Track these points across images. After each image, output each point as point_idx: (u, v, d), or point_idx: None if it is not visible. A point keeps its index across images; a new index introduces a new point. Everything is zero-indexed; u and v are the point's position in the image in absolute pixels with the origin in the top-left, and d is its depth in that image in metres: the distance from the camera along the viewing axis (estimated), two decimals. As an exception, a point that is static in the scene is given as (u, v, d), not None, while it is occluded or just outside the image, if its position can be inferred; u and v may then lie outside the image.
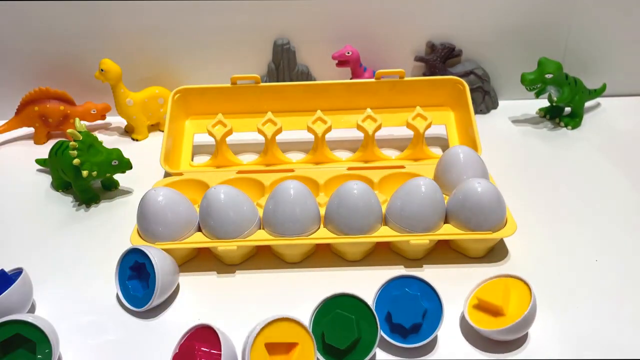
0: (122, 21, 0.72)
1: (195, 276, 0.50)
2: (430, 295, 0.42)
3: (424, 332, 0.41)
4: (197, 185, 0.58)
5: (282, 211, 0.49)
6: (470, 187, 0.48)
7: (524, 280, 0.42)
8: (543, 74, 0.66)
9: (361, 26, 0.73)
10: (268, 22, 0.73)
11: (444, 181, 0.54)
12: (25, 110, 0.72)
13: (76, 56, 0.74)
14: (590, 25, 0.72)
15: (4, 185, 0.66)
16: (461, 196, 0.49)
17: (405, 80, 0.67)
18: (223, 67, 0.74)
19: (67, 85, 0.73)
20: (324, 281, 0.49)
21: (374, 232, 0.49)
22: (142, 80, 0.75)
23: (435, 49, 0.73)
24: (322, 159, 0.63)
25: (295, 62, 0.75)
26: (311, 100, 0.67)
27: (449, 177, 0.54)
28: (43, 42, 0.73)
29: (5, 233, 0.57)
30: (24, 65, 0.75)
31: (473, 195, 0.48)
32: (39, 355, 0.40)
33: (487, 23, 0.73)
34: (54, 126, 0.73)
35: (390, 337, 0.41)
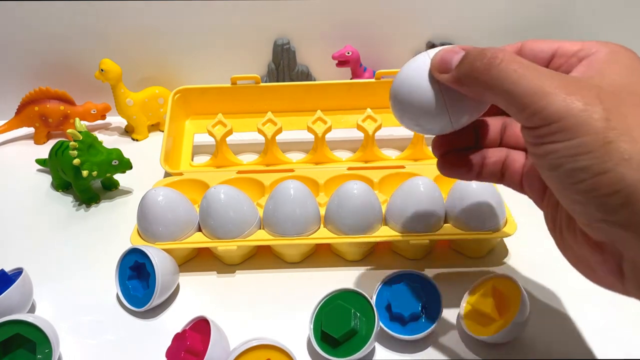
0: (122, 21, 0.72)
1: (195, 276, 0.50)
2: (429, 289, 0.42)
3: (422, 325, 0.41)
4: (197, 185, 0.58)
5: (282, 211, 0.49)
6: (469, 187, 0.48)
7: (512, 279, 0.41)
8: (543, 74, 0.66)
9: (361, 26, 0.73)
10: (268, 22, 0.73)
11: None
12: (25, 110, 0.72)
13: (76, 56, 0.74)
14: (590, 26, 0.72)
15: (4, 185, 0.66)
16: (459, 195, 0.49)
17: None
18: (223, 67, 0.74)
19: (67, 85, 0.73)
20: (324, 281, 0.49)
21: (374, 232, 0.49)
22: (142, 80, 0.75)
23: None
24: (322, 159, 0.63)
25: (295, 62, 0.75)
26: (311, 100, 0.67)
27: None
28: (43, 42, 0.73)
29: (5, 233, 0.57)
30: (24, 66, 0.75)
31: (471, 195, 0.48)
32: (39, 355, 0.39)
33: (487, 23, 0.73)
34: (54, 126, 0.73)
35: (388, 327, 0.41)
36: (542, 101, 0.26)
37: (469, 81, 0.29)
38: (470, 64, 0.29)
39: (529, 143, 0.28)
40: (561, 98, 0.25)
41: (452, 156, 0.36)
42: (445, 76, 0.30)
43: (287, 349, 0.39)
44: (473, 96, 0.31)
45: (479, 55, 0.29)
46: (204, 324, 0.40)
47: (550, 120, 0.25)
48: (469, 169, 0.36)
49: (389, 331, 0.41)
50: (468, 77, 0.29)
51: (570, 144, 0.25)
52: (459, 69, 0.29)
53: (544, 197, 0.33)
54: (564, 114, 0.25)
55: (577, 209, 0.26)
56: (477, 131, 0.37)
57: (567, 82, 0.26)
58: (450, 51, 0.31)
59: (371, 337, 0.40)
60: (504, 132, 0.37)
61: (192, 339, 0.39)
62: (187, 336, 0.39)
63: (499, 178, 0.36)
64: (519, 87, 0.26)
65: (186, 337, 0.39)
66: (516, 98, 0.27)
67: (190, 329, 0.41)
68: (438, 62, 0.31)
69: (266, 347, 0.39)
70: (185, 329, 0.41)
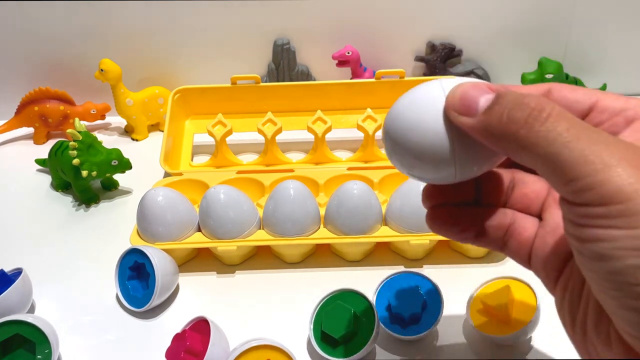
0: (122, 21, 0.72)
1: (195, 276, 0.50)
2: (430, 290, 0.42)
3: (423, 325, 0.41)
4: (197, 185, 0.58)
5: (282, 211, 0.49)
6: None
7: (527, 284, 0.42)
8: (543, 74, 0.66)
9: (361, 26, 0.73)
10: (268, 22, 0.73)
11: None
12: (25, 110, 0.72)
13: (76, 56, 0.74)
14: (590, 25, 0.72)
15: (3, 185, 0.65)
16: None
17: (405, 80, 0.66)
18: (223, 67, 0.74)
19: (67, 85, 0.73)
20: (324, 281, 0.49)
21: (374, 232, 0.49)
22: (142, 80, 0.75)
23: (436, 49, 0.73)
24: (322, 159, 0.63)
25: (295, 62, 0.75)
26: (311, 100, 0.67)
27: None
28: (43, 42, 0.73)
29: (5, 233, 0.57)
30: (24, 66, 0.75)
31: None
32: (39, 356, 0.39)
33: (487, 23, 0.72)
34: (54, 126, 0.72)
35: (389, 328, 0.41)
36: (601, 174, 0.20)
37: (502, 135, 0.23)
38: (507, 114, 0.23)
39: (570, 222, 0.22)
40: (628, 173, 0.20)
41: (445, 210, 0.30)
42: (467, 120, 0.24)
43: (287, 350, 0.38)
44: (498, 151, 0.24)
45: (517, 105, 0.23)
46: (203, 324, 0.40)
47: (610, 200, 0.20)
48: (463, 229, 0.29)
49: (389, 331, 0.41)
50: (501, 130, 0.23)
51: (636, 233, 0.20)
52: (490, 117, 0.23)
53: (560, 280, 0.27)
54: (631, 195, 0.20)
55: (628, 316, 0.21)
56: (479, 184, 0.30)
57: (635, 152, 0.21)
58: (476, 88, 0.24)
59: (371, 337, 0.39)
60: (512, 190, 0.30)
61: (191, 339, 0.39)
62: (186, 336, 0.39)
63: (500, 246, 0.30)
64: (570, 152, 0.21)
65: (186, 338, 0.39)
66: (564, 166, 0.21)
67: (190, 329, 0.41)
68: (459, 100, 0.24)
69: (266, 347, 0.39)
70: (185, 329, 0.41)
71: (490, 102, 0.24)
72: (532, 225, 0.29)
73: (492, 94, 0.24)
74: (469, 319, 0.41)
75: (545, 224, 0.28)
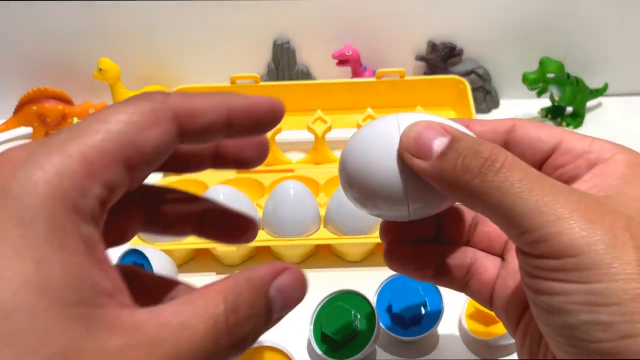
0: (121, 20, 0.72)
1: (194, 277, 0.50)
2: (430, 290, 0.42)
3: (423, 326, 0.41)
4: (196, 186, 0.58)
5: (281, 211, 0.48)
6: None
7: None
8: (545, 74, 0.66)
9: (361, 25, 0.73)
10: (268, 22, 0.72)
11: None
12: (23, 109, 0.72)
13: (74, 55, 0.74)
14: (592, 25, 0.72)
15: (2, 186, 0.65)
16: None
17: (405, 80, 0.66)
18: (222, 67, 0.74)
19: (66, 85, 0.73)
20: (324, 281, 0.48)
21: (375, 233, 0.49)
22: (141, 79, 0.75)
23: (436, 48, 0.72)
24: (322, 159, 0.63)
25: (295, 62, 0.74)
26: (311, 100, 0.66)
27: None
28: (41, 41, 0.73)
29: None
30: (22, 65, 0.74)
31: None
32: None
33: (488, 22, 0.72)
34: (53, 126, 0.72)
35: (389, 329, 0.41)
36: (554, 227, 0.20)
37: (455, 183, 0.22)
38: (461, 162, 0.22)
39: (525, 272, 0.21)
40: (581, 226, 0.20)
41: (402, 247, 0.28)
42: (420, 163, 0.23)
43: (287, 351, 0.38)
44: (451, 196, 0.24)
45: (472, 153, 0.22)
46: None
47: (563, 254, 0.19)
48: (421, 266, 0.28)
49: (390, 332, 0.41)
50: (455, 177, 0.22)
51: (589, 288, 0.19)
52: (444, 163, 0.22)
53: (520, 324, 0.26)
54: (584, 248, 0.19)
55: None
56: (440, 220, 0.29)
57: (588, 204, 0.20)
58: (431, 129, 0.23)
59: (371, 338, 0.39)
60: (474, 228, 0.29)
61: None
62: None
63: (461, 286, 0.29)
64: (523, 203, 0.20)
65: None
66: (518, 217, 0.20)
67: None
68: (413, 141, 0.23)
69: (266, 348, 0.38)
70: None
71: (444, 146, 0.22)
72: (494, 266, 0.28)
73: (447, 137, 0.22)
74: (464, 322, 0.42)
75: (507, 266, 0.27)
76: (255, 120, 0.21)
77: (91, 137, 0.18)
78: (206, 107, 0.20)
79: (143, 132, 0.18)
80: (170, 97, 0.20)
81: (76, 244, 0.16)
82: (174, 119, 0.19)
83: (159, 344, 0.16)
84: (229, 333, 0.18)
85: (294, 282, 0.20)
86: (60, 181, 0.16)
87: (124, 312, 0.17)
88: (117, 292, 0.17)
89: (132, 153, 0.18)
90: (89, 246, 0.17)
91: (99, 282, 0.17)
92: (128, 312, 0.17)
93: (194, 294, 0.18)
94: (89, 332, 0.16)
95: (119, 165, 0.18)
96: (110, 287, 0.17)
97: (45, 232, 0.16)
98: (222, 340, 0.18)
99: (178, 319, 0.17)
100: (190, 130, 0.20)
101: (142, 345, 0.16)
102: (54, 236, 0.16)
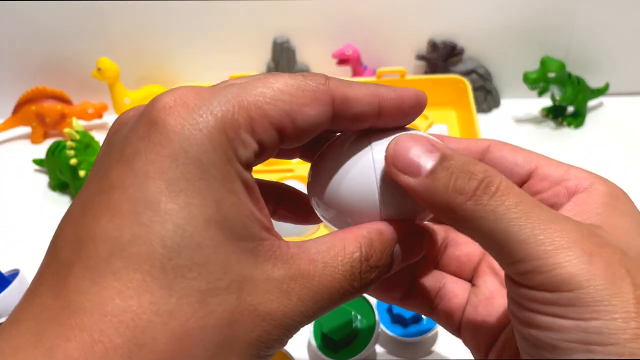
0: (120, 20, 0.71)
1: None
2: None
3: (424, 325, 0.41)
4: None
5: (281, 211, 0.48)
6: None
7: None
8: (546, 73, 0.66)
9: (362, 24, 0.72)
10: (267, 21, 0.72)
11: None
12: (22, 109, 0.71)
13: (73, 55, 0.73)
14: (593, 24, 0.72)
15: (0, 185, 0.65)
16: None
17: (406, 79, 0.66)
18: (222, 66, 0.74)
19: (64, 85, 0.73)
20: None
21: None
22: (140, 79, 0.75)
23: (437, 47, 0.72)
24: (322, 159, 0.63)
25: (295, 61, 0.74)
26: (311, 99, 0.66)
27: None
28: (40, 41, 0.72)
29: (2, 234, 0.57)
30: (21, 65, 0.74)
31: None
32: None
33: (489, 21, 0.72)
34: (51, 125, 0.72)
35: (389, 329, 0.41)
36: (552, 258, 0.18)
37: (446, 204, 0.20)
38: (453, 183, 0.20)
39: (514, 302, 0.20)
40: (580, 259, 0.18)
41: None
42: (407, 180, 0.21)
43: (287, 352, 0.38)
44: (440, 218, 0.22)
45: (464, 173, 0.20)
46: None
47: (560, 287, 0.18)
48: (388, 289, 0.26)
49: (390, 333, 0.41)
50: (446, 198, 0.20)
51: (585, 326, 0.18)
52: (434, 182, 0.20)
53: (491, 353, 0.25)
54: (583, 283, 0.18)
55: None
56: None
57: (584, 235, 0.19)
58: (419, 143, 0.21)
59: (372, 339, 0.39)
60: (443, 250, 0.27)
61: None
62: None
63: (427, 310, 0.27)
64: (518, 230, 0.19)
65: None
66: (512, 245, 0.19)
67: None
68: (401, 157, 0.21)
69: None
70: None
71: (435, 164, 0.20)
72: (463, 291, 0.27)
73: (436, 154, 0.21)
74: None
75: (478, 292, 0.26)
76: (403, 112, 0.23)
77: (258, 98, 0.19)
78: (361, 97, 0.21)
79: (302, 107, 0.20)
80: (330, 80, 0.21)
81: (241, 187, 0.19)
82: (332, 103, 0.21)
83: (309, 277, 0.19)
84: (361, 278, 0.21)
85: (416, 244, 0.23)
86: (229, 131, 0.18)
87: (282, 246, 0.19)
88: (271, 226, 0.20)
89: (288, 123, 0.20)
90: (249, 189, 0.19)
91: (261, 220, 0.19)
92: (284, 246, 0.20)
93: (334, 237, 0.21)
94: (257, 262, 0.18)
95: (274, 130, 0.19)
96: (267, 223, 0.20)
97: (220, 176, 0.18)
98: (355, 283, 0.20)
99: (322, 258, 0.20)
100: (343, 116, 0.21)
101: (297, 277, 0.19)
102: (226, 180, 0.18)
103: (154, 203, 0.17)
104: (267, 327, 0.18)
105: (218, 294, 0.17)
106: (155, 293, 0.16)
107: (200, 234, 0.17)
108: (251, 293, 0.18)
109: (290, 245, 0.20)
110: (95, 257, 0.17)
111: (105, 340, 0.16)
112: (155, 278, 0.17)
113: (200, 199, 0.17)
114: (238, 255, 0.18)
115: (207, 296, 0.17)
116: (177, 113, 0.18)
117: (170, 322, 0.16)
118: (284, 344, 0.20)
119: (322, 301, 0.20)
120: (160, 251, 0.17)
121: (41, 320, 0.16)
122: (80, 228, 0.18)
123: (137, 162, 0.18)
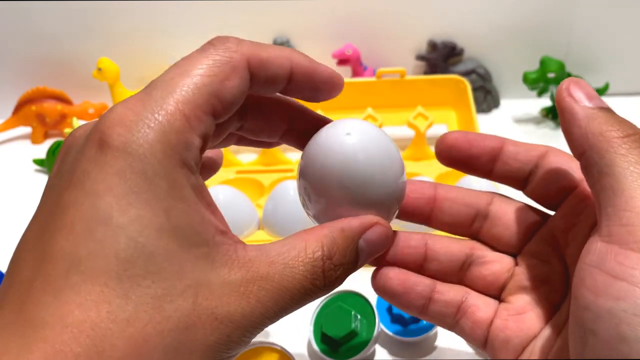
0: (120, 20, 0.71)
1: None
2: None
3: (424, 326, 0.41)
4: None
5: (281, 212, 0.48)
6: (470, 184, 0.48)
7: None
8: (545, 73, 0.66)
9: (362, 24, 0.72)
10: (267, 21, 0.72)
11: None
12: (22, 109, 0.71)
13: (73, 55, 0.73)
14: (592, 24, 0.72)
15: (1, 185, 0.65)
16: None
17: (406, 79, 0.66)
18: (222, 66, 0.74)
19: (65, 85, 0.73)
20: (324, 282, 0.48)
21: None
22: (141, 79, 0.75)
23: (437, 47, 0.72)
24: (322, 159, 0.63)
25: (295, 61, 0.74)
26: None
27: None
28: (40, 41, 0.73)
29: (2, 234, 0.56)
30: (21, 65, 0.74)
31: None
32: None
33: (489, 22, 0.72)
34: (52, 126, 0.72)
35: (389, 329, 0.41)
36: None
37: (596, 133, 0.23)
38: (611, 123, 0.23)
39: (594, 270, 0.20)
40: None
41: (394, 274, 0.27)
42: (573, 105, 0.24)
43: (287, 351, 0.38)
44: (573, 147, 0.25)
45: (618, 123, 0.23)
46: None
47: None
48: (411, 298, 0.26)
49: (390, 333, 0.41)
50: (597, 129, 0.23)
51: None
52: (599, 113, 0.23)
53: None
54: None
55: None
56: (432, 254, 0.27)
57: None
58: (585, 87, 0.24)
59: (372, 339, 0.39)
60: (467, 268, 0.27)
61: None
62: None
63: (449, 324, 0.27)
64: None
65: None
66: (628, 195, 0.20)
67: None
68: (584, 84, 0.24)
69: (266, 348, 0.38)
70: None
71: (606, 107, 0.23)
72: (487, 305, 0.26)
73: (596, 100, 0.23)
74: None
75: (509, 307, 0.26)
76: (314, 83, 0.23)
77: (183, 94, 0.19)
78: (274, 57, 0.22)
79: (223, 82, 0.20)
80: (243, 44, 0.21)
81: (190, 193, 0.19)
82: (248, 67, 0.21)
83: (268, 279, 0.20)
84: (324, 276, 0.21)
85: (381, 236, 0.23)
86: (170, 139, 0.19)
87: (238, 249, 0.20)
88: (227, 229, 0.20)
89: (217, 103, 0.20)
90: (198, 193, 0.19)
91: (214, 224, 0.20)
92: (241, 248, 0.20)
93: (295, 238, 0.21)
94: (213, 267, 0.19)
95: (208, 116, 0.20)
96: (221, 227, 0.20)
97: (166, 186, 0.18)
98: (318, 282, 0.21)
99: (282, 260, 0.20)
100: (258, 79, 0.21)
101: (255, 279, 0.19)
102: (173, 189, 0.18)
103: (106, 219, 0.18)
104: (225, 330, 0.19)
105: (173, 299, 0.18)
106: (112, 302, 0.17)
107: (153, 243, 0.18)
108: (207, 297, 0.18)
109: (248, 248, 0.20)
110: (54, 273, 0.17)
111: (66, 349, 0.16)
112: (112, 289, 0.17)
113: (150, 210, 0.18)
114: (192, 261, 0.18)
115: (162, 302, 0.18)
116: (118, 133, 0.18)
117: (127, 328, 0.17)
118: (247, 344, 0.20)
119: (283, 302, 0.20)
120: (115, 263, 0.17)
121: (5, 335, 0.17)
122: (38, 248, 0.19)
123: (87, 183, 0.18)
